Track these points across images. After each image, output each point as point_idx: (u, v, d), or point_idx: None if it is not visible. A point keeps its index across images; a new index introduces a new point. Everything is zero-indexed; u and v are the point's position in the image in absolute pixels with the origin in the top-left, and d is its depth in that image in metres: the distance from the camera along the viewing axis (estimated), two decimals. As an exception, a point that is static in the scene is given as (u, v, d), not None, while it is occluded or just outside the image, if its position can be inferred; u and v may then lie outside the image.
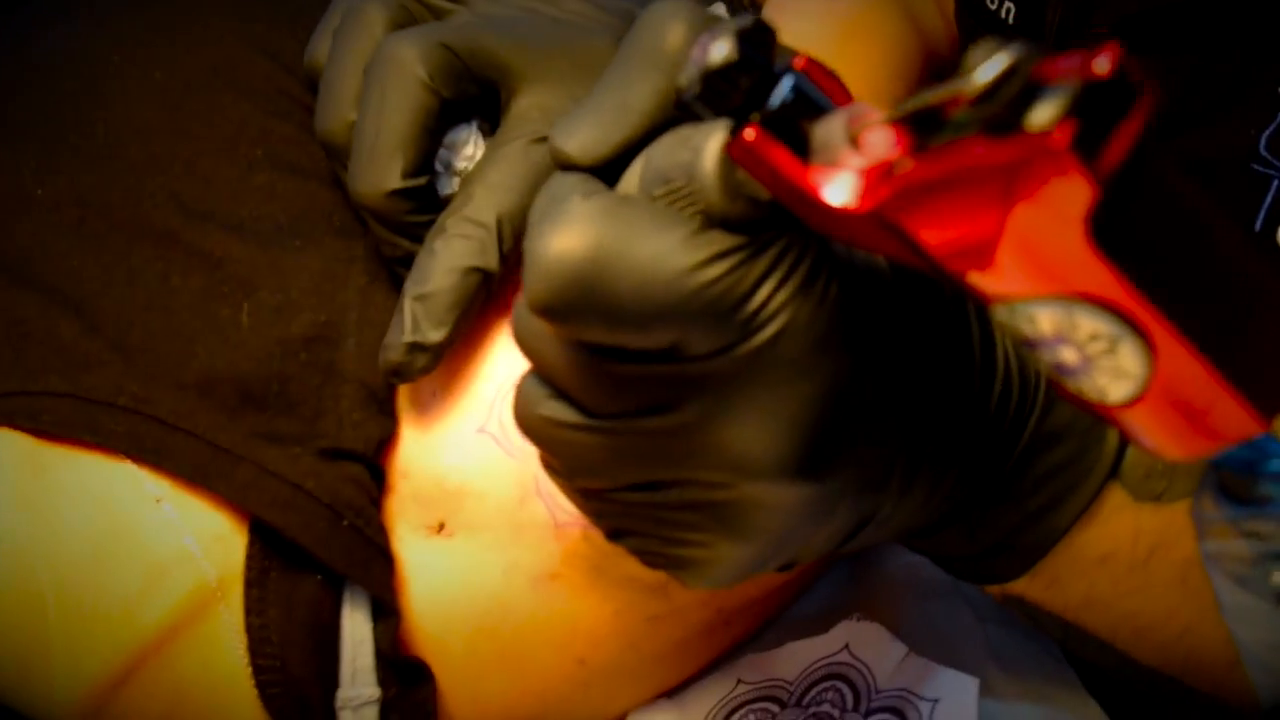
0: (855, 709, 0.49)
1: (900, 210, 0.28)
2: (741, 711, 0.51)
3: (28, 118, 0.53)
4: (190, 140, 0.52)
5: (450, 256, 0.44)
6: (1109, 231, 0.25)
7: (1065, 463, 0.43)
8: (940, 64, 0.67)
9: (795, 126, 0.31)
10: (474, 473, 0.47)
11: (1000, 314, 0.28)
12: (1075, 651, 0.48)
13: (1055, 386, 0.29)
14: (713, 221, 0.34)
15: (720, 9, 0.55)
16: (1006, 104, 0.25)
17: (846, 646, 0.50)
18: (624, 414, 0.36)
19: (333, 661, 0.46)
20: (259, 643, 0.45)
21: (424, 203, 0.46)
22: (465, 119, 0.48)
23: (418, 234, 0.46)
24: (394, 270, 0.48)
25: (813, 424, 0.35)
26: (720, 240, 0.33)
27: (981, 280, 0.28)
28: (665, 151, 0.35)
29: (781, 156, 0.31)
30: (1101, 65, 0.24)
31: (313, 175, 0.51)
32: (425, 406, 0.48)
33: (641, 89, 0.40)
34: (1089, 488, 0.43)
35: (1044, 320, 0.27)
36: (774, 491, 0.36)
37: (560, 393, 0.38)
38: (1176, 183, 0.26)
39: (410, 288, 0.45)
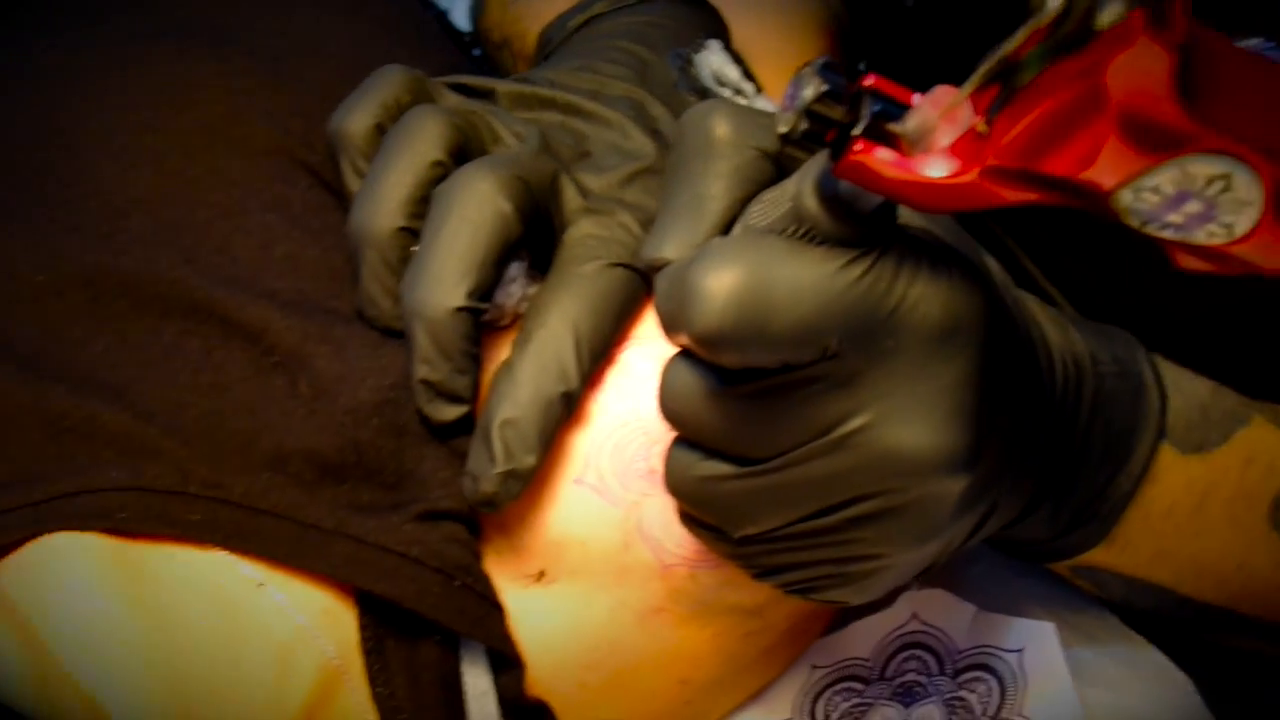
0: (942, 672, 0.53)
1: (1012, 157, 0.32)
2: (826, 695, 0.54)
3: (3, 198, 0.50)
4: (198, 207, 0.50)
5: (535, 382, 0.45)
6: (1191, 90, 0.31)
7: (1121, 431, 0.47)
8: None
9: (885, 132, 0.35)
10: (574, 523, 0.47)
11: (1124, 199, 0.32)
12: (1134, 604, 0.53)
13: (1182, 255, 0.33)
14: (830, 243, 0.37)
15: (714, 49, 0.58)
16: (1080, 16, 0.30)
17: (915, 615, 0.54)
18: (789, 449, 0.39)
19: (460, 715, 0.47)
20: (390, 712, 0.46)
21: (475, 331, 0.46)
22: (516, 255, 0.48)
23: (461, 360, 0.46)
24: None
25: (969, 408, 0.39)
26: (849, 251, 0.37)
27: (1099, 175, 0.32)
28: (760, 214, 0.39)
29: (885, 160, 0.35)
30: None
31: (331, 244, 0.51)
32: None
33: (708, 179, 0.44)
34: (1143, 450, 0.48)
35: (1166, 183, 0.31)
36: (945, 485, 0.39)
37: (713, 452, 0.40)
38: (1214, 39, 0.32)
39: (496, 413, 0.45)
